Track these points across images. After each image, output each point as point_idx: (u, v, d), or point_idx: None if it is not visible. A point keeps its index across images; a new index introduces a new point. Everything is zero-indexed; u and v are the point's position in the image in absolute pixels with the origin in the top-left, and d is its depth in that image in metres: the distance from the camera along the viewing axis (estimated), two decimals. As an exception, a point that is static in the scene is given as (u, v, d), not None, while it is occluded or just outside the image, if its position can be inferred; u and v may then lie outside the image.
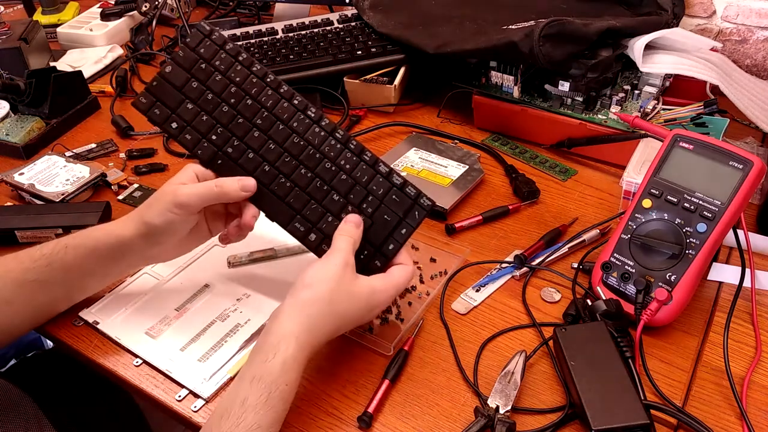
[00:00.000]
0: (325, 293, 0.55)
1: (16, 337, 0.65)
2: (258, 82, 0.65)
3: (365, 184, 0.63)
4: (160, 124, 0.65)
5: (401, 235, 0.62)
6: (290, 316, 0.54)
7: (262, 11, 1.37)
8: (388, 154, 0.89)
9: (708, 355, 0.62)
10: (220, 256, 0.75)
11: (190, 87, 0.65)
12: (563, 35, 0.80)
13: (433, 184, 0.82)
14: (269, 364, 0.51)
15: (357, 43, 1.01)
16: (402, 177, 0.64)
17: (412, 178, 0.82)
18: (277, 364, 0.51)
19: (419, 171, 0.85)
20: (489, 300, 0.69)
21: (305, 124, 0.65)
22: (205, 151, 0.64)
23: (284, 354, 0.52)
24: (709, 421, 0.55)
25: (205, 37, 0.66)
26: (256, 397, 0.50)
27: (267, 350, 0.52)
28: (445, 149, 0.90)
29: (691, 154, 0.64)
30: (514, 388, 0.57)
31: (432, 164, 0.86)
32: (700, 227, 0.61)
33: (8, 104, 1.00)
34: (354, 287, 0.57)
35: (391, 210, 0.63)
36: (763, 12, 0.99)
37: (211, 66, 0.66)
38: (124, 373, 0.63)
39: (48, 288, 0.63)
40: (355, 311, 0.57)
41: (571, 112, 0.87)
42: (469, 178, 0.84)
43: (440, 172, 0.85)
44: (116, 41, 1.28)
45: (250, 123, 0.64)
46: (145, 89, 0.66)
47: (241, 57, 0.66)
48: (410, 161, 0.87)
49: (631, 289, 0.63)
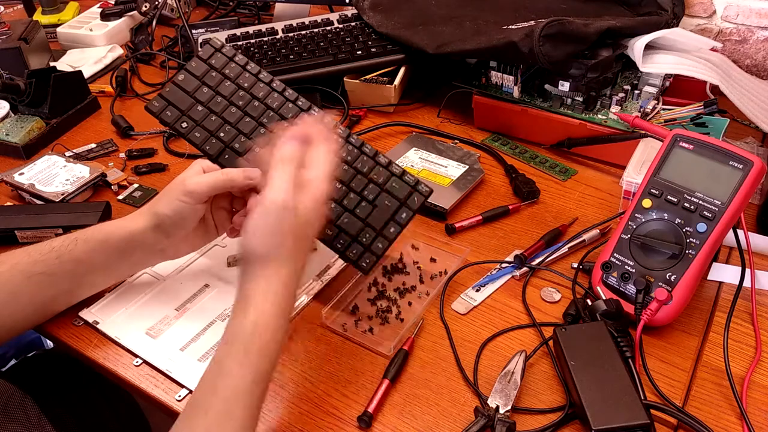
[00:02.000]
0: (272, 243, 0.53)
1: (17, 333, 0.65)
2: (264, 87, 0.71)
3: (366, 173, 0.67)
4: (171, 125, 0.69)
5: (402, 219, 0.66)
6: (250, 279, 0.53)
7: (262, 11, 1.37)
8: (388, 154, 0.89)
9: (708, 355, 0.62)
10: (220, 256, 0.75)
11: (201, 92, 0.70)
12: (563, 35, 0.80)
13: (433, 184, 0.82)
14: (241, 325, 0.51)
15: (357, 43, 1.01)
16: (400, 167, 0.67)
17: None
18: (248, 325, 0.51)
19: (419, 171, 0.85)
20: (489, 300, 0.69)
21: None
22: (212, 147, 0.68)
23: (255, 313, 0.51)
24: (709, 421, 0.55)
25: (216, 50, 0.72)
26: (232, 359, 0.50)
27: (237, 312, 0.52)
28: (445, 149, 0.89)
29: (691, 154, 0.64)
30: (514, 388, 0.57)
31: (432, 164, 0.86)
32: (700, 227, 0.61)
33: (8, 104, 1.00)
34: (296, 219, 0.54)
35: (392, 195, 0.66)
36: (763, 12, 0.99)
37: (221, 74, 0.71)
38: (124, 373, 0.63)
39: (55, 281, 0.63)
40: (308, 231, 0.55)
41: (571, 112, 0.87)
42: (469, 178, 0.84)
43: (440, 172, 0.85)
44: (116, 41, 1.28)
45: (257, 122, 0.69)
46: (159, 95, 0.70)
47: (249, 66, 0.72)
48: (410, 161, 0.87)
49: (631, 289, 0.63)
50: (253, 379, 0.50)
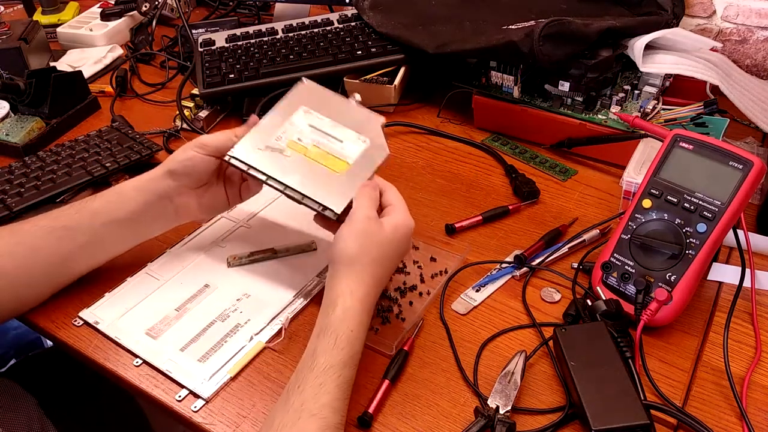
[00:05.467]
0: (360, 250, 0.59)
1: (36, 296, 0.68)
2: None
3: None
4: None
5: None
6: (339, 279, 0.59)
7: (262, 11, 1.37)
8: (276, 111, 0.70)
9: (708, 355, 0.62)
10: (220, 256, 0.75)
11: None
12: (563, 35, 0.80)
13: (325, 172, 0.65)
14: (331, 317, 0.57)
15: (357, 43, 1.01)
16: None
17: (300, 161, 0.66)
18: (338, 315, 0.57)
19: (308, 149, 0.67)
20: (489, 300, 0.69)
21: None
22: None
23: (342, 306, 0.57)
24: (709, 421, 0.55)
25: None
26: (324, 345, 0.55)
27: (327, 306, 0.58)
28: (343, 111, 0.70)
29: (691, 154, 0.64)
30: (514, 388, 0.57)
31: (324, 137, 0.68)
32: (700, 227, 0.61)
33: (8, 104, 1.00)
34: (380, 234, 0.60)
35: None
36: (763, 12, 0.99)
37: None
38: (124, 373, 0.63)
39: (74, 235, 0.66)
40: (390, 251, 0.61)
41: (571, 112, 0.87)
42: (369, 162, 0.66)
43: (334, 151, 0.67)
44: (116, 41, 1.28)
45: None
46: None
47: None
48: (297, 130, 0.68)
49: (631, 289, 0.63)
50: (341, 360, 0.55)
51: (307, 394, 0.53)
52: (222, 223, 0.80)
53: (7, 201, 0.80)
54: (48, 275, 0.67)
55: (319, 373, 0.54)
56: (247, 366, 0.63)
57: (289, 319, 0.67)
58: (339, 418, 0.53)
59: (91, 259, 0.69)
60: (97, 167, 0.86)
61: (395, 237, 0.61)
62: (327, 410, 0.52)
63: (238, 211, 0.81)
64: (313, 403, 0.52)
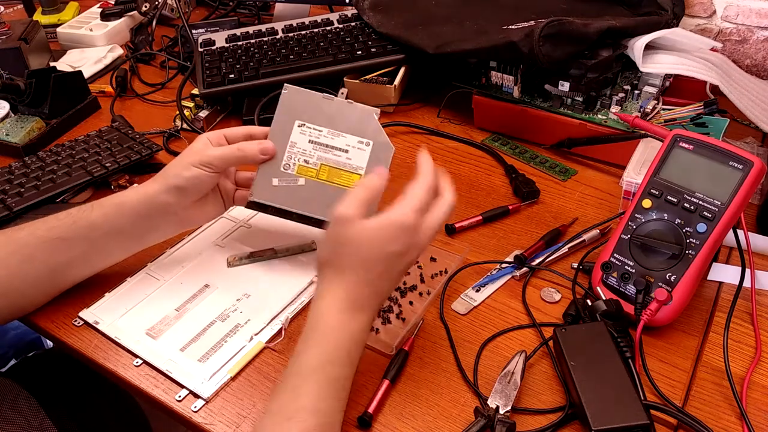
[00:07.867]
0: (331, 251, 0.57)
1: (31, 303, 0.67)
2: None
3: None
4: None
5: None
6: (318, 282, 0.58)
7: (262, 11, 1.37)
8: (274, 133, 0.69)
9: (708, 355, 0.62)
10: (220, 256, 0.75)
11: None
12: (563, 35, 0.80)
13: (342, 191, 0.66)
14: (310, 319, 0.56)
15: (357, 43, 1.01)
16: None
17: (315, 187, 0.67)
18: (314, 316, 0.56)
19: (318, 169, 0.67)
20: (489, 300, 0.69)
21: None
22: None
23: (317, 307, 0.56)
24: (709, 421, 0.55)
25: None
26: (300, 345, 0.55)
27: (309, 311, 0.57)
28: (333, 114, 0.68)
29: (691, 154, 0.64)
30: (514, 388, 0.57)
31: (329, 151, 0.67)
32: (700, 227, 0.61)
33: (8, 104, 1.00)
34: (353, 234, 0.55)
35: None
36: (763, 12, 0.99)
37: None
38: (124, 373, 0.63)
39: (70, 245, 0.65)
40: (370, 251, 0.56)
41: (571, 112, 0.87)
42: (379, 162, 0.67)
43: (343, 164, 0.67)
44: (116, 41, 1.28)
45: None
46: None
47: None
48: (301, 151, 0.68)
49: (631, 289, 0.63)
50: (326, 359, 0.54)
51: (285, 398, 0.52)
52: (222, 223, 0.80)
53: (7, 201, 0.80)
54: (42, 284, 0.67)
55: (296, 375, 0.53)
56: (247, 366, 0.63)
57: (289, 319, 0.67)
58: (322, 419, 0.52)
59: (87, 269, 0.69)
60: (97, 167, 0.86)
61: (378, 235, 0.55)
62: (305, 413, 0.51)
63: (238, 211, 0.81)
64: (291, 405, 0.51)
